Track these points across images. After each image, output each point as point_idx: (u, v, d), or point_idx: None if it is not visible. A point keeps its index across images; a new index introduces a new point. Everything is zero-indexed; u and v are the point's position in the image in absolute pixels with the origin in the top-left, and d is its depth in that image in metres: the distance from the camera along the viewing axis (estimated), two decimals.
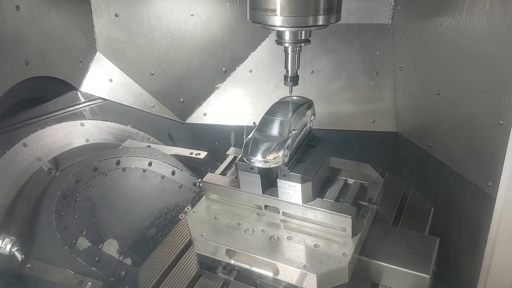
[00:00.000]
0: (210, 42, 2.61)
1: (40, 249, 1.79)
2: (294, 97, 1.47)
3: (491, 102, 1.49)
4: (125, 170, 2.08)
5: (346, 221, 1.32)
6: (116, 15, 2.51)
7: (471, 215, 1.65)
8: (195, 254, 1.50)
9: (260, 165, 1.32)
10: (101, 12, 2.49)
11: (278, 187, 1.38)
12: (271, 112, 1.41)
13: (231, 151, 1.87)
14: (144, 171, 2.11)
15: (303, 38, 1.34)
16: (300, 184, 1.32)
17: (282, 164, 1.32)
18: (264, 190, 1.42)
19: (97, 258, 1.77)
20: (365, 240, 1.42)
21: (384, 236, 1.45)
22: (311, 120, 1.49)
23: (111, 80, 2.60)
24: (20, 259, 1.62)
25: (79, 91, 2.48)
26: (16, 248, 1.63)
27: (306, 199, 1.36)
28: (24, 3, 1.98)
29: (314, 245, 1.33)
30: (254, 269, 1.37)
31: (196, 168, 2.25)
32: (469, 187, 1.63)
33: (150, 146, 2.30)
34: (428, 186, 1.89)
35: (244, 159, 1.35)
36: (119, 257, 1.80)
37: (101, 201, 1.95)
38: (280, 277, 1.32)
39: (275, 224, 1.43)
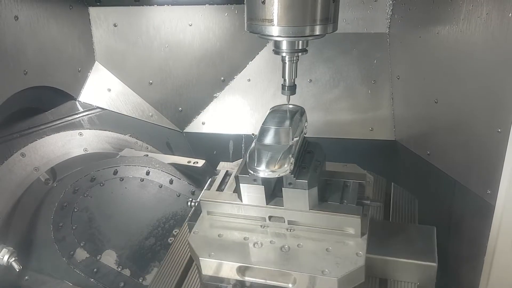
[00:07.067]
0: (209, 52, 2.62)
1: (38, 260, 1.77)
2: (285, 106, 1.47)
3: (489, 110, 1.49)
4: (123, 179, 2.08)
5: (354, 222, 1.31)
6: (115, 25, 2.52)
7: (470, 223, 1.65)
8: (197, 278, 1.47)
9: (267, 175, 1.28)
10: (100, 22, 2.50)
11: (283, 196, 1.36)
12: (269, 122, 1.39)
13: (221, 166, 1.85)
14: (142, 180, 2.11)
15: (300, 47, 1.34)
16: (307, 191, 1.31)
17: (289, 172, 1.30)
18: (268, 201, 1.39)
19: (95, 270, 1.75)
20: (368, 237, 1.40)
21: (383, 231, 1.45)
22: (305, 127, 1.48)
23: (109, 90, 2.60)
24: (17, 270, 1.60)
25: (78, 100, 2.48)
26: (13, 259, 1.60)
27: (313, 205, 1.35)
28: (23, 13, 1.98)
29: (326, 250, 1.31)
30: (270, 282, 1.31)
31: (194, 176, 2.24)
32: (468, 195, 1.63)
33: (147, 155, 2.30)
34: (427, 194, 1.89)
35: (250, 171, 1.31)
36: (117, 268, 1.79)
37: (99, 212, 1.94)
38: (298, 286, 1.28)
39: (282, 234, 1.39)
